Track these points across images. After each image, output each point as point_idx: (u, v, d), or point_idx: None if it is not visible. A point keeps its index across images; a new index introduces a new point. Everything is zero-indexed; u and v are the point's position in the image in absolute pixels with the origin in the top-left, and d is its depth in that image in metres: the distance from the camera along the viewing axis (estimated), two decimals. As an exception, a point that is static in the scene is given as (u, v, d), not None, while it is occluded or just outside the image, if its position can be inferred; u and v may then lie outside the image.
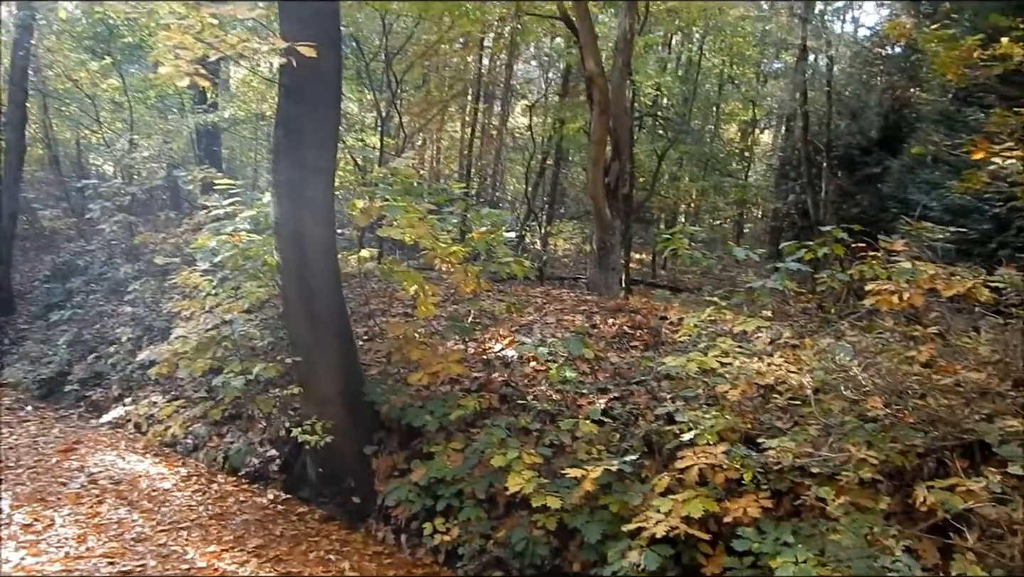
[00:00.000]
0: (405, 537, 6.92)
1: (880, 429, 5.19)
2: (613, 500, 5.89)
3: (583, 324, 8.53)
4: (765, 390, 6.05)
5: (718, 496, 5.44)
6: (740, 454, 5.36)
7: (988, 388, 4.84)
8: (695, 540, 5.45)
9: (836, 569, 4.53)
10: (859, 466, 4.73)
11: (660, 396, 6.77)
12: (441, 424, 7.05)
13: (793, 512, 5.64)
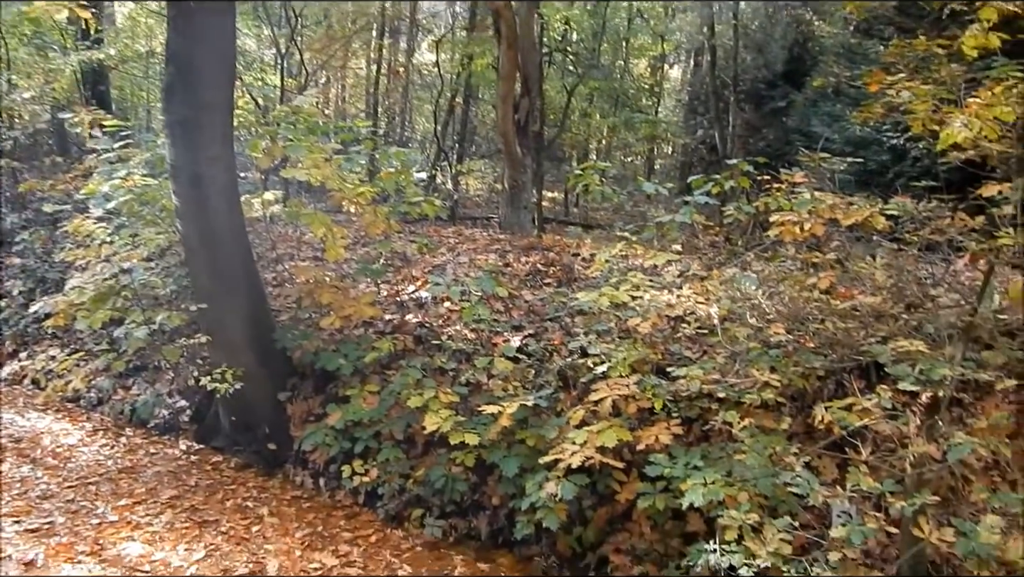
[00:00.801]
0: (324, 480, 6.90)
1: (783, 355, 5.39)
2: (530, 434, 5.99)
3: (496, 263, 8.52)
4: (675, 321, 6.19)
5: (631, 425, 5.57)
6: (651, 384, 5.49)
7: (883, 311, 5.06)
8: (609, 469, 5.60)
9: (742, 488, 4.71)
10: (763, 390, 4.91)
11: (574, 331, 6.85)
12: (356, 367, 6.98)
13: (703, 437, 5.85)
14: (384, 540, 6.18)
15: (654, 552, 5.59)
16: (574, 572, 5.85)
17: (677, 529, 5.60)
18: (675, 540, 5.57)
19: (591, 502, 5.91)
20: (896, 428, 4.25)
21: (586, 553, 5.86)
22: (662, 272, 6.98)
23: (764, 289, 5.55)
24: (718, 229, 7.83)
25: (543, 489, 5.43)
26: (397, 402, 6.60)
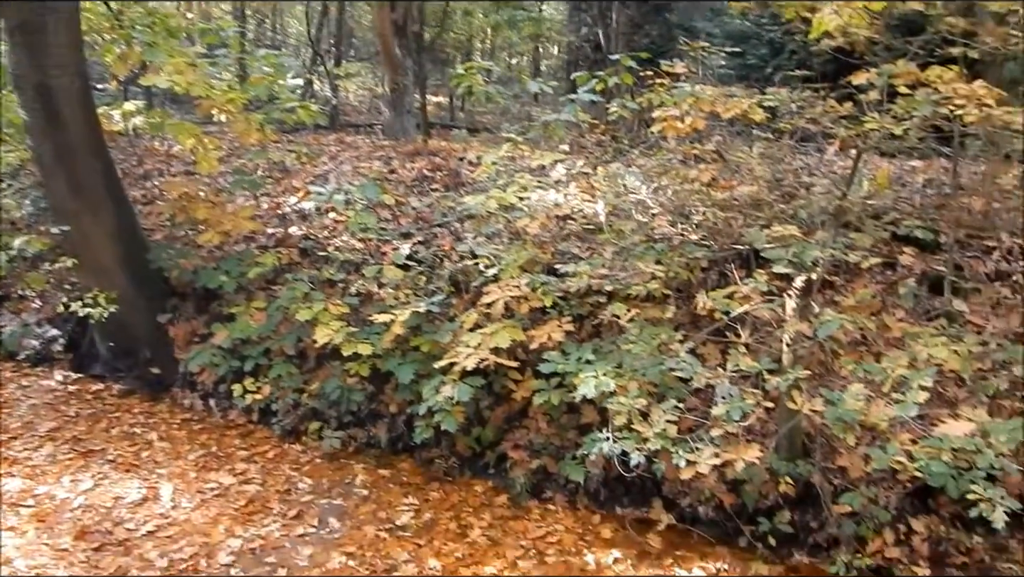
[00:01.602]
0: (214, 401, 6.76)
1: (668, 248, 5.53)
2: (424, 340, 5.98)
3: (381, 170, 8.30)
4: (562, 220, 6.23)
5: (524, 325, 5.65)
6: (541, 283, 5.55)
7: (760, 200, 5.24)
8: (504, 369, 5.70)
9: (632, 378, 4.87)
10: (648, 282, 5.03)
11: (463, 236, 6.81)
12: (239, 284, 6.77)
13: (594, 333, 6.00)
14: (282, 455, 6.15)
15: (551, 445, 5.78)
16: (474, 471, 5.99)
17: (572, 422, 5.79)
18: (571, 432, 5.76)
19: (488, 402, 6.01)
20: (774, 311, 4.45)
21: (485, 452, 6.00)
22: (549, 172, 6.98)
23: (648, 184, 5.64)
24: (603, 127, 7.84)
25: (440, 393, 5.47)
26: (286, 317, 6.45)
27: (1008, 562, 4.90)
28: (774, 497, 5.25)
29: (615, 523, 5.44)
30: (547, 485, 5.72)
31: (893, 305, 5.69)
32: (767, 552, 5.11)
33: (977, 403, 5.28)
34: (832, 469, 5.31)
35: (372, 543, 5.11)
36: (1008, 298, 5.73)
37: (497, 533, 5.30)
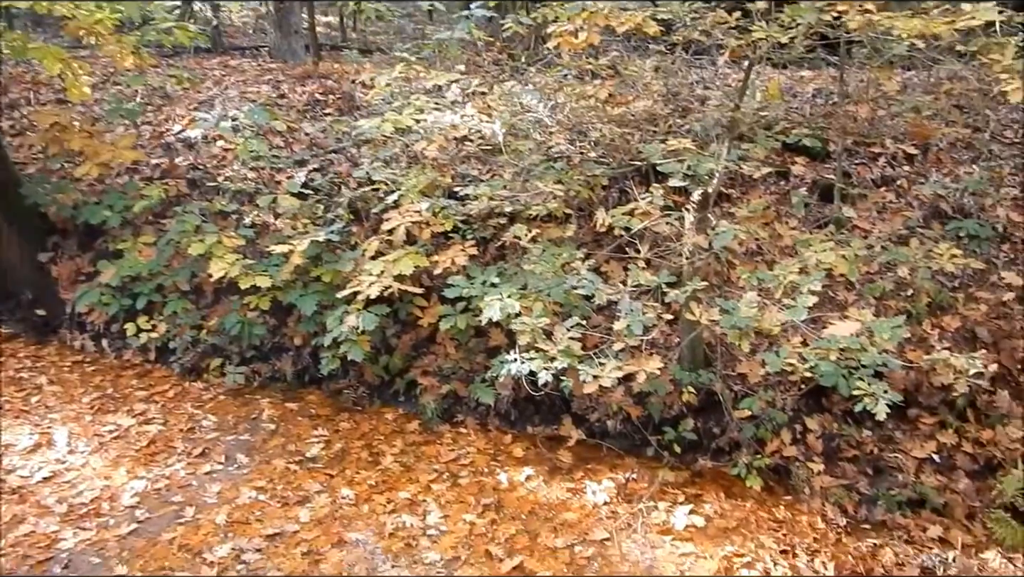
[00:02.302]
0: (107, 341, 6.47)
1: (568, 167, 5.50)
2: (325, 270, 5.85)
3: (270, 95, 7.93)
4: (460, 142, 6.11)
5: (427, 251, 5.57)
6: (441, 207, 5.46)
7: (655, 115, 5.24)
8: (410, 295, 5.64)
9: (537, 299, 4.88)
10: (548, 202, 5.01)
11: (360, 161, 6.61)
12: (124, 218, 6.43)
13: (498, 255, 5.98)
14: (183, 393, 5.97)
15: (460, 370, 5.80)
16: (384, 399, 5.97)
17: (480, 345, 5.82)
18: (479, 356, 5.79)
19: (394, 330, 5.96)
20: (672, 226, 4.50)
21: (394, 379, 5.97)
22: (445, 93, 6.80)
23: (545, 102, 5.56)
24: (499, 45, 7.66)
25: (344, 323, 5.39)
26: (177, 251, 6.19)
27: (894, 452, 5.23)
28: (678, 407, 5.44)
29: (527, 442, 5.54)
30: (458, 409, 5.76)
31: (786, 214, 5.86)
32: (673, 459, 5.31)
33: (865, 304, 5.54)
34: (732, 376, 5.52)
35: (282, 476, 5.06)
36: (893, 203, 5.99)
37: (409, 459, 5.31)
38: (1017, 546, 4.72)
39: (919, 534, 4.83)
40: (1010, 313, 5.75)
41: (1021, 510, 4.91)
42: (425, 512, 4.77)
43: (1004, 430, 5.28)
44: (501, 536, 4.60)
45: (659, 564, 4.38)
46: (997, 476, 5.08)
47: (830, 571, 4.40)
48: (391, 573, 4.27)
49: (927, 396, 5.42)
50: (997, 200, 6.30)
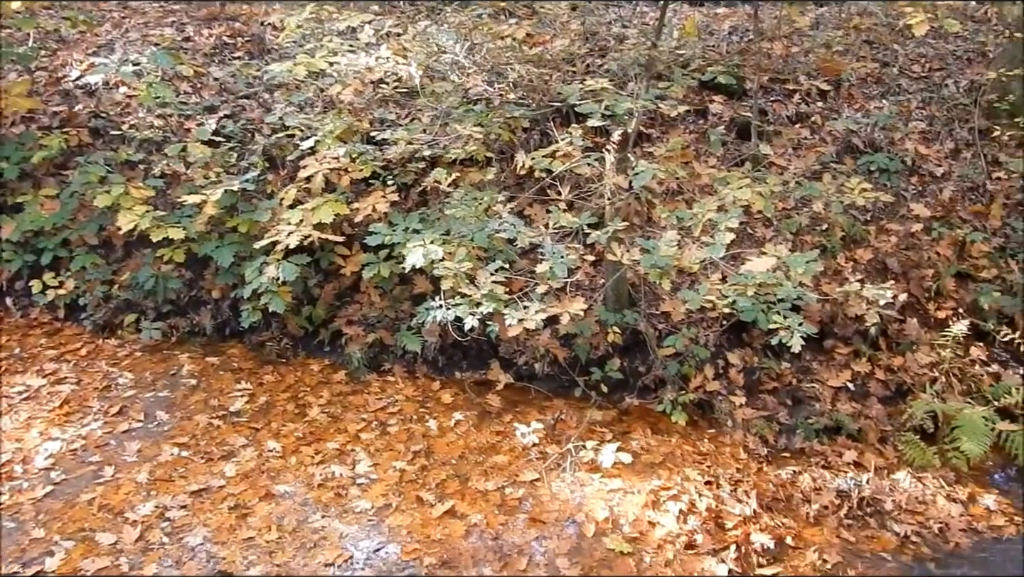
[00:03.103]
0: (11, 300, 6.19)
1: (487, 109, 5.41)
2: (241, 221, 5.67)
3: (174, 38, 7.54)
4: (376, 85, 5.94)
5: (347, 198, 5.45)
6: (358, 152, 5.32)
7: (573, 54, 5.17)
8: (331, 244, 5.54)
9: (460, 244, 4.83)
10: (468, 144, 4.93)
11: (273, 107, 6.37)
12: (23, 170, 6.09)
13: (421, 201, 5.89)
14: (97, 351, 5.76)
15: (385, 318, 5.74)
16: (309, 350, 5.88)
17: (405, 293, 5.76)
18: (405, 303, 5.73)
19: (316, 280, 5.85)
20: (593, 166, 4.48)
21: (318, 330, 5.88)
22: (359, 34, 6.57)
23: (461, 43, 5.43)
24: (416, -17, 7.44)
25: (264, 274, 5.26)
26: (83, 204, 5.92)
27: (812, 382, 5.42)
28: (604, 347, 5.51)
29: (455, 388, 5.54)
30: (385, 357, 5.71)
31: (705, 153, 5.91)
32: (600, 399, 5.40)
33: (782, 240, 5.67)
34: (656, 315, 5.60)
35: (205, 432, 4.96)
36: (807, 139, 6.10)
37: (337, 409, 5.26)
38: (926, 466, 4.97)
39: (835, 459, 5.04)
40: (918, 244, 5.97)
41: (929, 432, 5.16)
42: (354, 461, 4.75)
43: (913, 356, 5.52)
44: (432, 481, 4.61)
45: (588, 501, 4.46)
46: (907, 401, 5.32)
47: (752, 499, 4.55)
48: (321, 523, 4.25)
49: (842, 327, 5.61)
50: (906, 134, 6.48)
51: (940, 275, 5.84)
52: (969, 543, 4.53)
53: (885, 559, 4.37)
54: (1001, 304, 5.74)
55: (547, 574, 3.97)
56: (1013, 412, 5.22)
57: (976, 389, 5.42)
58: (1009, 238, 6.18)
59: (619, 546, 4.14)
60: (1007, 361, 5.65)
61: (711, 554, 4.15)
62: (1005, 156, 6.61)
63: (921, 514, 4.70)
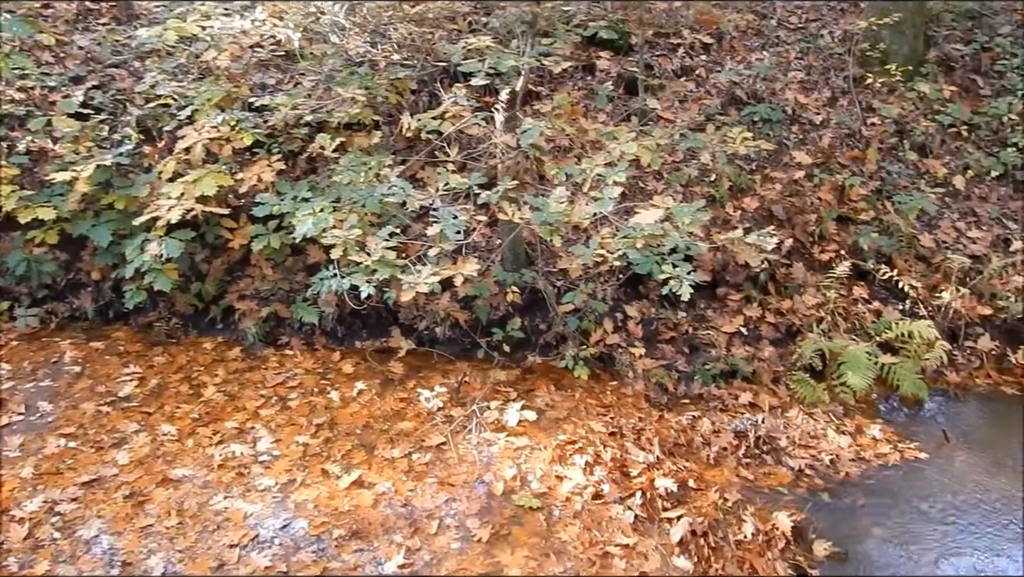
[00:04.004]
0: None
1: (372, 71, 5.27)
2: (117, 197, 5.38)
3: (31, 4, 7.04)
4: (253, 49, 5.70)
5: (231, 169, 5.25)
6: (236, 120, 5.11)
7: (455, 12, 5.08)
8: (216, 217, 5.33)
9: (352, 210, 4.71)
10: (353, 109, 4.80)
11: (144, 75, 6.04)
12: None
13: (309, 169, 5.74)
14: (-33, 345, 5.41)
15: (279, 291, 5.59)
16: (200, 328, 5.67)
17: (298, 263, 5.62)
18: (298, 275, 5.60)
19: (204, 255, 5.64)
20: (481, 126, 4.43)
21: (209, 307, 5.68)
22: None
23: (340, 3, 5.25)
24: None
25: (146, 252, 5.02)
26: (-61, 188, 5.48)
27: (707, 330, 5.58)
28: (504, 307, 5.52)
29: (356, 357, 5.46)
30: (281, 331, 5.57)
31: (594, 109, 5.94)
32: (503, 359, 5.42)
33: (673, 192, 5.78)
34: (554, 273, 5.65)
35: (94, 420, 4.74)
36: (693, 92, 6.20)
37: (233, 387, 5.11)
38: (816, 402, 5.21)
39: (732, 402, 5.23)
40: (801, 190, 6.19)
41: (818, 370, 5.40)
42: (255, 439, 4.64)
43: (801, 299, 5.75)
44: (337, 453, 4.55)
45: (495, 461, 4.49)
46: (796, 341, 5.55)
47: (655, 447, 4.67)
48: (224, 504, 4.14)
49: (733, 274, 5.79)
50: (786, 84, 6.67)
51: (822, 219, 6.08)
52: (858, 472, 4.79)
53: (782, 493, 4.58)
54: (879, 244, 6.02)
55: (458, 536, 3.98)
56: (893, 346, 5.51)
57: (859, 326, 5.69)
58: (884, 181, 6.48)
59: (528, 502, 4.19)
60: (886, 298, 5.95)
61: (618, 502, 4.25)
62: (878, 103, 6.90)
63: (813, 448, 4.93)
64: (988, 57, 7.50)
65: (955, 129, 6.92)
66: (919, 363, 5.41)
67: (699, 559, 3.98)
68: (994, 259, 6.07)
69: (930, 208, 6.24)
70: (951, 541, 4.29)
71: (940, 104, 7.00)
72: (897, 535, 4.31)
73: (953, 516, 4.44)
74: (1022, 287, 6.03)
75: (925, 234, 6.21)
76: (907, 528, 4.35)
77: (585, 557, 3.90)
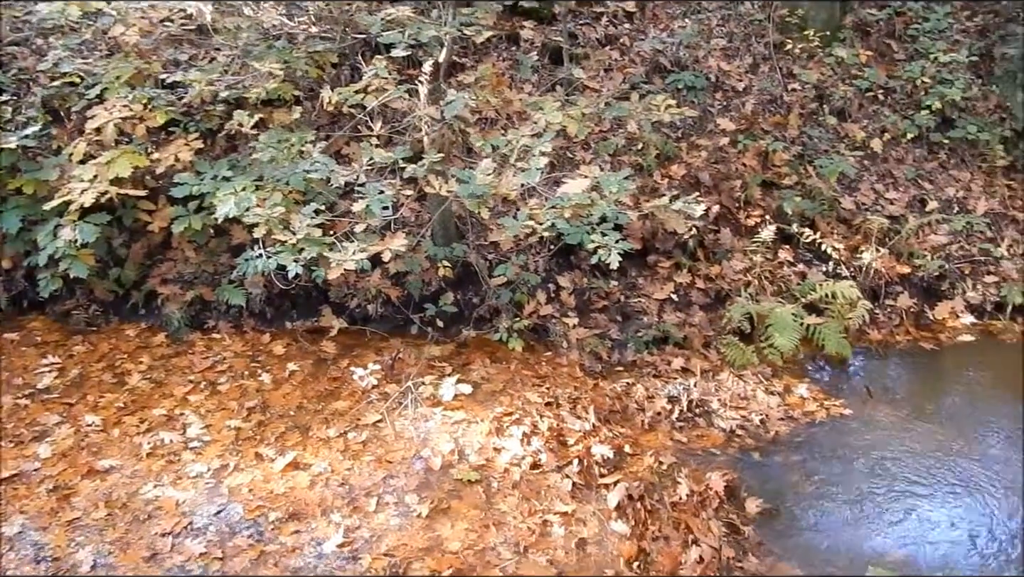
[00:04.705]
0: None
1: (290, 45, 5.13)
2: (25, 181, 5.13)
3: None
4: (163, 24, 5.48)
5: (146, 149, 5.07)
6: (148, 97, 4.92)
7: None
8: (133, 200, 5.16)
9: (275, 188, 4.60)
10: (271, 84, 4.66)
11: (48, 53, 5.74)
12: None
13: (230, 147, 5.58)
14: None
15: (204, 273, 5.45)
16: (122, 315, 5.49)
17: (222, 245, 5.48)
18: (223, 256, 5.47)
19: (122, 239, 5.45)
20: (405, 98, 4.36)
21: (130, 293, 5.50)
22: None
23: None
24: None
25: (59, 238, 4.84)
26: None
27: (639, 297, 5.65)
28: (437, 282, 5.49)
29: (287, 338, 5.37)
30: (207, 315, 5.43)
31: (521, 80, 5.90)
32: (437, 334, 5.40)
33: (601, 162, 5.80)
34: (485, 246, 5.63)
35: (11, 414, 4.55)
36: (617, 60, 6.21)
37: (160, 374, 4.97)
38: (746, 364, 5.33)
39: (665, 368, 5.31)
40: (726, 156, 6.28)
41: (747, 333, 5.52)
42: (184, 425, 4.53)
43: (729, 264, 5.86)
44: (271, 436, 4.48)
45: (432, 436, 4.48)
46: (726, 306, 5.66)
47: (591, 415, 4.72)
48: (154, 493, 4.04)
49: (663, 242, 5.85)
50: (708, 51, 6.74)
51: (748, 185, 6.19)
52: (787, 430, 4.92)
53: (715, 454, 4.68)
54: (802, 208, 6.17)
55: (397, 512, 3.97)
56: (818, 306, 5.67)
57: (785, 289, 5.84)
58: (806, 145, 6.62)
59: (466, 475, 4.19)
60: (811, 260, 6.11)
61: (556, 471, 4.28)
62: (798, 68, 7.03)
63: (744, 409, 5.05)
64: (902, 22, 7.71)
65: (872, 93, 7.10)
66: (843, 323, 5.57)
67: (636, 522, 4.04)
68: (911, 219, 6.28)
69: (850, 171, 6.40)
70: (878, 492, 4.45)
71: (857, 69, 7.17)
72: (825, 489, 4.45)
73: (878, 468, 4.60)
74: (937, 246, 6.26)
75: (846, 197, 6.38)
76: (835, 482, 4.50)
77: (524, 526, 3.92)
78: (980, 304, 6.09)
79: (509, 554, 3.77)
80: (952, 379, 5.53)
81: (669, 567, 3.79)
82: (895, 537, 4.16)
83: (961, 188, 6.72)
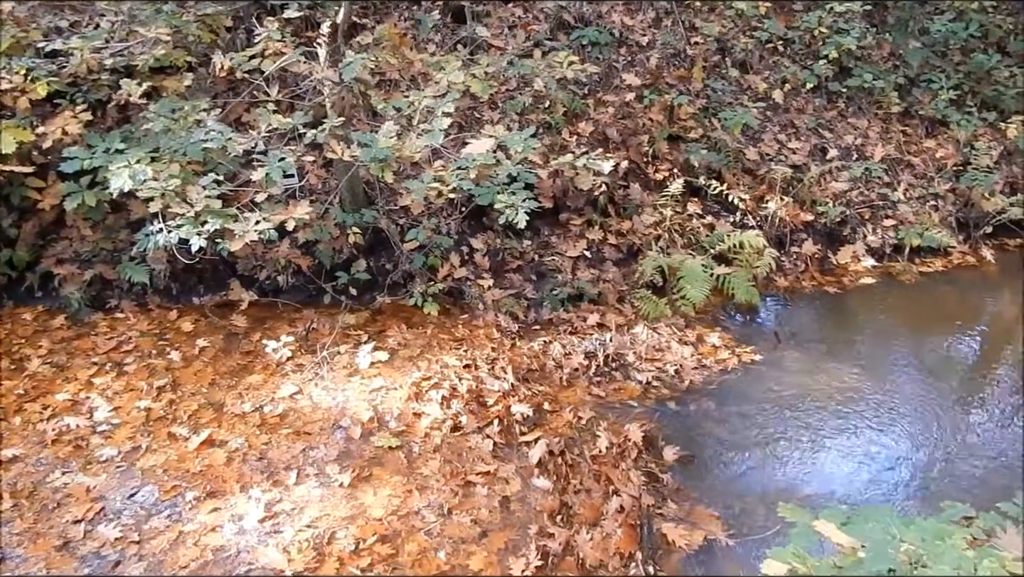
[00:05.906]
0: None
1: (180, 9, 4.91)
2: (-102, 163, 4.81)
3: None
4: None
5: (31, 123, 4.80)
6: (28, 67, 4.65)
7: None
8: (19, 177, 4.90)
9: (173, 160, 4.42)
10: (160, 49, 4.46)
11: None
12: None
13: (122, 119, 5.34)
14: None
15: (102, 251, 5.24)
16: (17, 299, 5.24)
17: (120, 221, 5.28)
18: (121, 233, 5.27)
19: (12, 219, 5.19)
20: (306, 63, 4.23)
21: (24, 275, 5.25)
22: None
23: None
24: None
25: (-60, 221, 4.54)
26: None
27: (552, 256, 5.68)
28: (348, 250, 5.41)
29: (195, 314, 5.23)
30: (109, 294, 5.23)
31: (424, 39, 5.80)
32: (351, 302, 5.33)
33: (510, 121, 5.76)
34: (396, 210, 5.56)
35: (-100, 411, 4.32)
36: (521, 17, 6.15)
37: (61, 358, 4.78)
38: (659, 317, 5.43)
39: (581, 324, 5.37)
40: (633, 112, 6.33)
41: (659, 286, 5.62)
42: (91, 409, 4.38)
43: (640, 218, 5.93)
44: (183, 414, 4.38)
45: (351, 404, 4.45)
46: (638, 260, 5.74)
47: (509, 375, 4.75)
48: (63, 480, 3.91)
49: (574, 199, 5.89)
50: (611, 6, 6.73)
51: (655, 139, 6.25)
52: (701, 379, 5.05)
53: (632, 406, 4.77)
54: (709, 160, 6.27)
55: (319, 483, 3.94)
56: (727, 257, 5.80)
57: (695, 241, 5.95)
58: (710, 98, 6.72)
59: (387, 442, 4.19)
60: (718, 212, 6.24)
61: (476, 432, 4.32)
62: (700, 21, 7.11)
63: (659, 361, 5.15)
64: (799, -27, 7.85)
65: (772, 44, 7.25)
66: (751, 271, 5.73)
67: (558, 477, 4.11)
68: (812, 167, 6.46)
69: (753, 123, 6.53)
70: (789, 433, 4.62)
71: (757, 20, 7.29)
72: (739, 434, 4.60)
73: (789, 410, 4.78)
74: (838, 192, 6.47)
75: (750, 148, 6.52)
76: (748, 426, 4.66)
77: (448, 489, 3.95)
78: (880, 247, 6.34)
79: (433, 517, 3.80)
80: (857, 321, 5.76)
81: (591, 518, 3.87)
82: (806, 475, 4.34)
83: (859, 135, 6.94)
